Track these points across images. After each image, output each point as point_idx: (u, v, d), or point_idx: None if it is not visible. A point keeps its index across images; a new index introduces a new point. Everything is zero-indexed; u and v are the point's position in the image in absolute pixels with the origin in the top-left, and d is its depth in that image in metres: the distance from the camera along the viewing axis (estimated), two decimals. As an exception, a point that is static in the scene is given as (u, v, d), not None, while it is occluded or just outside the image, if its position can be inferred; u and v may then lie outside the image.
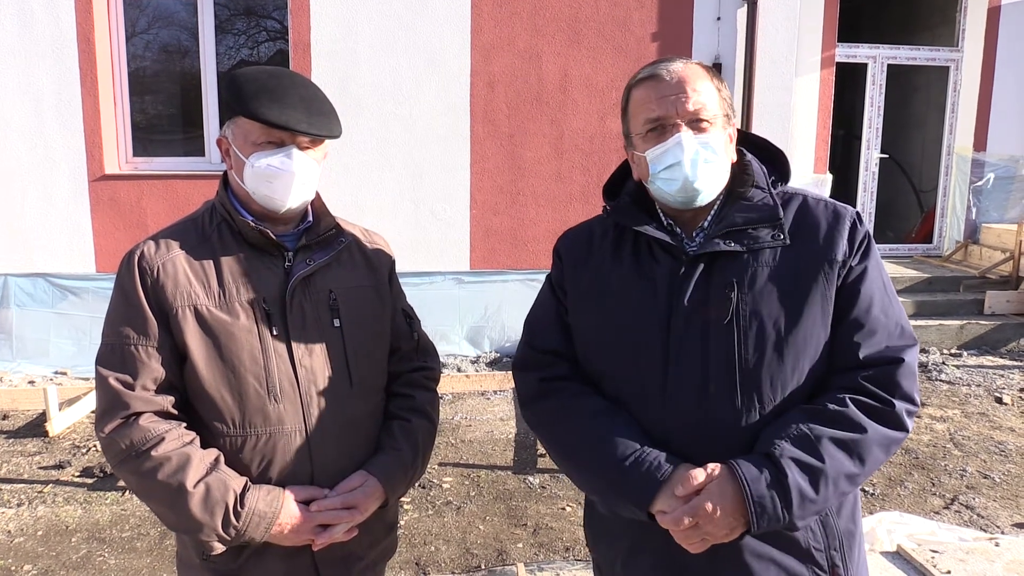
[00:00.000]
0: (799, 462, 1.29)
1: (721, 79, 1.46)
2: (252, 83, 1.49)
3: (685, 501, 1.31)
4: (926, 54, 8.34)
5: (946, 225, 8.50)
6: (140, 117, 6.46)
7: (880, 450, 1.34)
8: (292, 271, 1.55)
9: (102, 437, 1.47)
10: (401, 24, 6.16)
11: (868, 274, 1.40)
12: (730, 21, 6.38)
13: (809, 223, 1.43)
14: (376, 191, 6.34)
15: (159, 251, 1.52)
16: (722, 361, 1.37)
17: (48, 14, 5.89)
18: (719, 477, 1.31)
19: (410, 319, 1.76)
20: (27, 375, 6.12)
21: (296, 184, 1.51)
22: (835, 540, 1.41)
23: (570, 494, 4.07)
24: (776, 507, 1.28)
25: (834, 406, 1.34)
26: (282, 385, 1.51)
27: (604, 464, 1.39)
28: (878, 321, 1.38)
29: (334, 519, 1.52)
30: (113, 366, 1.48)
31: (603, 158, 6.43)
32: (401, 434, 1.65)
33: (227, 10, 6.44)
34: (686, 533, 1.32)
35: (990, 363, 6.45)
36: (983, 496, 4.07)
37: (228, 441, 1.51)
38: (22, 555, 3.49)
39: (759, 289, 1.38)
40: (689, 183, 1.39)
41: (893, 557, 3.18)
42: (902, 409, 1.35)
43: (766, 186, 1.46)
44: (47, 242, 6.15)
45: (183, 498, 1.42)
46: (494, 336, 6.66)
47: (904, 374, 1.36)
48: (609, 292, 1.48)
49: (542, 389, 1.53)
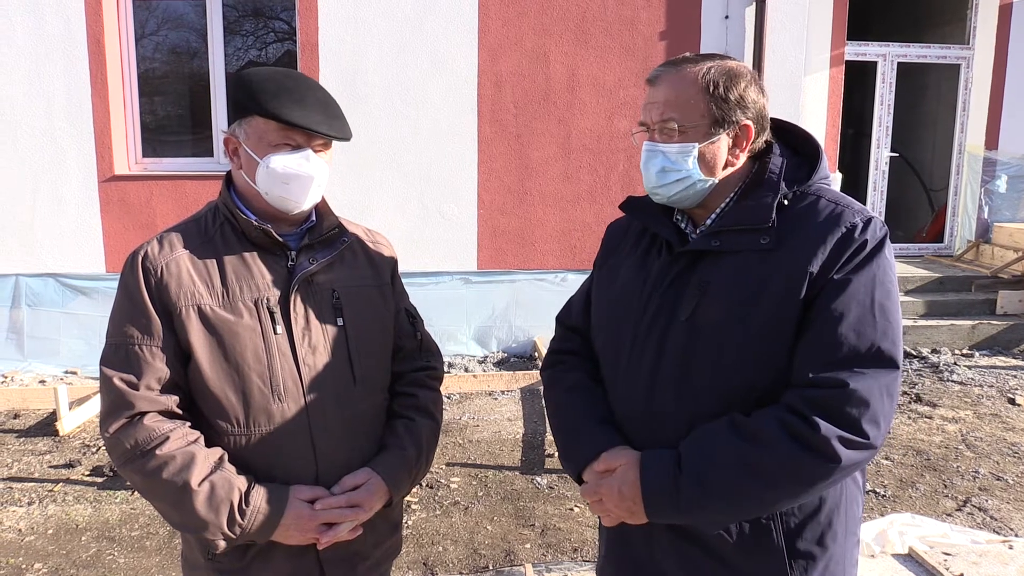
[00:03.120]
0: (695, 466, 1.33)
1: (733, 84, 1.41)
2: (270, 83, 1.49)
3: (600, 477, 1.44)
4: (937, 52, 8.28)
5: (957, 224, 8.44)
6: (149, 118, 6.50)
7: (790, 473, 1.28)
8: (295, 270, 1.55)
9: (107, 437, 1.48)
10: (409, 24, 6.17)
11: (849, 287, 1.30)
12: (738, 20, 6.36)
13: (802, 228, 1.37)
14: (383, 191, 6.35)
15: (163, 251, 1.53)
16: (672, 359, 1.41)
17: (58, 16, 5.93)
18: (628, 463, 1.41)
19: (413, 319, 1.77)
20: (37, 374, 6.16)
21: (314, 186, 1.53)
22: (778, 559, 1.38)
23: (578, 494, 4.06)
24: (665, 502, 1.35)
25: (758, 420, 1.31)
26: (286, 384, 1.52)
27: (563, 432, 1.58)
28: (843, 339, 1.28)
29: (338, 517, 1.52)
30: (117, 366, 1.48)
31: (611, 158, 6.42)
32: (405, 433, 1.66)
33: (235, 11, 6.46)
34: (593, 505, 1.47)
35: (1002, 364, 6.40)
36: (996, 498, 4.04)
37: (232, 440, 1.52)
38: (32, 553, 3.51)
39: (725, 292, 1.37)
40: (649, 188, 1.47)
41: (905, 559, 3.16)
42: (832, 436, 1.24)
43: (777, 187, 1.43)
44: (57, 242, 6.19)
45: (187, 497, 1.42)
46: (501, 336, 6.66)
47: (850, 400, 1.25)
48: (616, 280, 1.56)
49: (550, 359, 1.70)
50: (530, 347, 6.66)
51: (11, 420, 5.19)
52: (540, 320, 6.53)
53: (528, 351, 6.65)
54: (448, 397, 5.61)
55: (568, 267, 6.52)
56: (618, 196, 6.38)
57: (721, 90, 1.40)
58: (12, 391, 5.52)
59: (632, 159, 6.35)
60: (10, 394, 5.46)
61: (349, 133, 1.56)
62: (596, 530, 3.68)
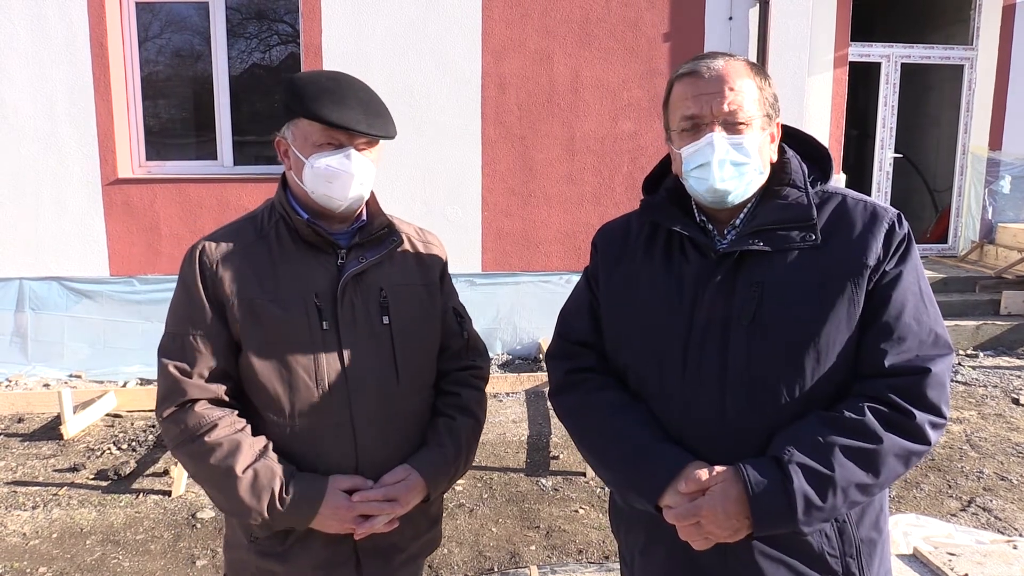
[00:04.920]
0: (807, 468, 1.27)
1: (766, 77, 1.43)
2: (312, 85, 1.54)
3: (691, 498, 1.32)
4: (940, 53, 8.27)
5: (961, 225, 8.43)
6: (153, 121, 6.51)
7: (897, 462, 1.31)
8: (344, 268, 1.60)
9: (161, 421, 1.56)
10: (412, 27, 6.17)
11: (903, 279, 1.36)
12: (742, 21, 6.35)
13: (844, 224, 1.40)
14: (387, 193, 6.32)
15: (219, 247, 1.60)
16: (740, 363, 1.35)
17: (61, 20, 5.94)
18: (725, 478, 1.31)
19: (460, 318, 1.79)
20: (42, 378, 6.17)
21: (355, 184, 1.56)
22: (852, 547, 1.39)
23: (583, 496, 4.06)
24: (779, 512, 1.27)
25: (851, 414, 1.31)
26: (331, 378, 1.56)
27: (619, 458, 1.42)
28: (908, 328, 1.33)
29: (375, 510, 1.55)
30: (172, 355, 1.56)
31: (615, 159, 6.41)
32: (446, 431, 1.68)
33: (239, 14, 6.47)
34: (688, 530, 1.33)
35: (1007, 364, 6.38)
36: (1000, 498, 4.03)
37: (278, 430, 1.57)
38: (37, 557, 3.51)
39: (784, 291, 1.35)
40: (717, 184, 1.38)
41: (910, 560, 3.15)
42: (924, 421, 1.30)
43: (803, 185, 1.44)
44: (61, 246, 6.20)
45: (232, 482, 1.49)
46: (506, 338, 6.66)
47: (931, 385, 1.31)
48: (638, 288, 1.48)
49: (568, 380, 1.56)
50: (535, 349, 6.66)
51: (15, 424, 5.20)
52: (545, 322, 6.53)
53: (533, 353, 6.65)
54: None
55: (572, 269, 6.51)
56: (622, 198, 6.38)
57: (766, 84, 1.42)
58: (16, 395, 5.53)
59: (636, 160, 6.35)
60: (14, 398, 5.47)
61: (392, 131, 1.59)
62: (600, 531, 3.67)
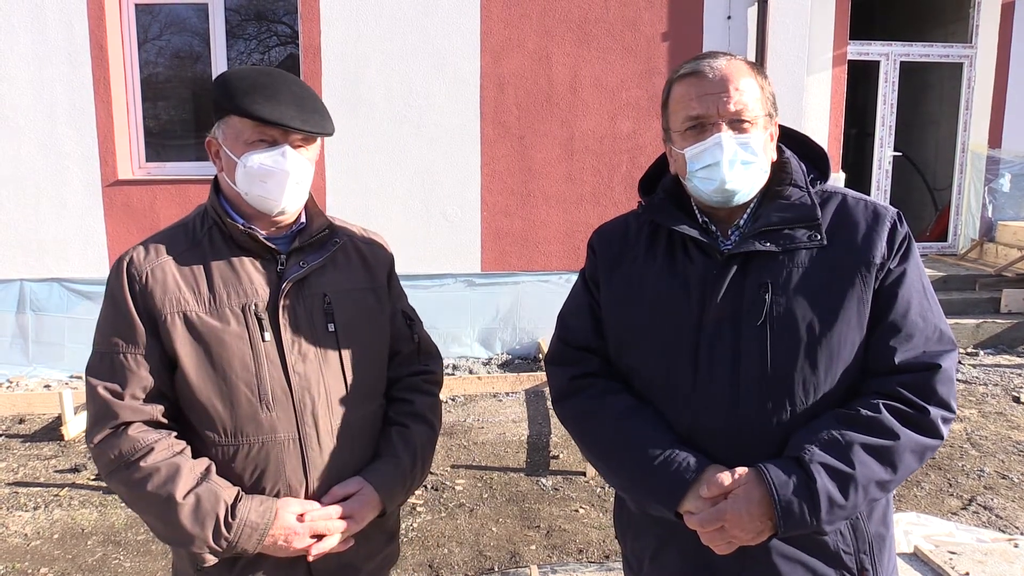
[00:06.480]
0: (828, 467, 1.28)
1: (765, 76, 1.43)
2: (243, 81, 1.46)
3: (712, 503, 1.31)
4: (939, 51, 8.27)
5: (961, 223, 8.42)
6: (152, 123, 6.51)
7: (913, 457, 1.32)
8: (284, 275, 1.51)
9: (92, 447, 1.45)
10: (411, 27, 6.18)
11: (907, 277, 1.37)
12: (740, 20, 6.35)
13: (848, 223, 1.40)
14: (386, 194, 6.35)
15: (148, 256, 1.50)
16: (754, 363, 1.35)
17: (61, 22, 5.95)
18: (747, 481, 1.31)
19: (411, 321, 1.71)
20: (43, 379, 6.18)
21: (290, 183, 1.47)
22: (865, 543, 1.39)
23: (583, 496, 4.06)
24: (804, 512, 1.27)
25: (867, 411, 1.31)
26: (275, 392, 1.47)
27: (633, 464, 1.40)
28: (915, 325, 1.35)
29: (328, 529, 1.48)
30: (102, 375, 1.45)
31: (614, 159, 6.42)
32: (400, 441, 1.60)
33: (238, 16, 6.48)
34: (712, 535, 1.32)
35: (1007, 362, 6.38)
36: (1001, 497, 4.03)
37: (220, 450, 1.48)
38: (39, 558, 3.51)
39: (793, 290, 1.35)
40: (726, 184, 1.37)
41: (911, 559, 3.15)
42: (937, 416, 1.32)
43: (804, 185, 1.44)
44: (61, 247, 6.21)
45: (173, 509, 1.39)
46: (506, 338, 6.66)
47: (941, 380, 1.33)
48: (641, 290, 1.46)
49: (572, 386, 1.53)
50: (534, 349, 6.66)
51: (16, 425, 5.20)
52: (544, 322, 6.53)
53: (532, 353, 6.66)
54: (452, 399, 5.62)
55: (572, 268, 6.51)
56: (621, 197, 6.38)
57: (766, 83, 1.43)
58: (17, 396, 5.54)
59: (635, 159, 6.35)
60: (15, 399, 5.47)
61: (329, 128, 1.51)
62: (600, 531, 3.68)
